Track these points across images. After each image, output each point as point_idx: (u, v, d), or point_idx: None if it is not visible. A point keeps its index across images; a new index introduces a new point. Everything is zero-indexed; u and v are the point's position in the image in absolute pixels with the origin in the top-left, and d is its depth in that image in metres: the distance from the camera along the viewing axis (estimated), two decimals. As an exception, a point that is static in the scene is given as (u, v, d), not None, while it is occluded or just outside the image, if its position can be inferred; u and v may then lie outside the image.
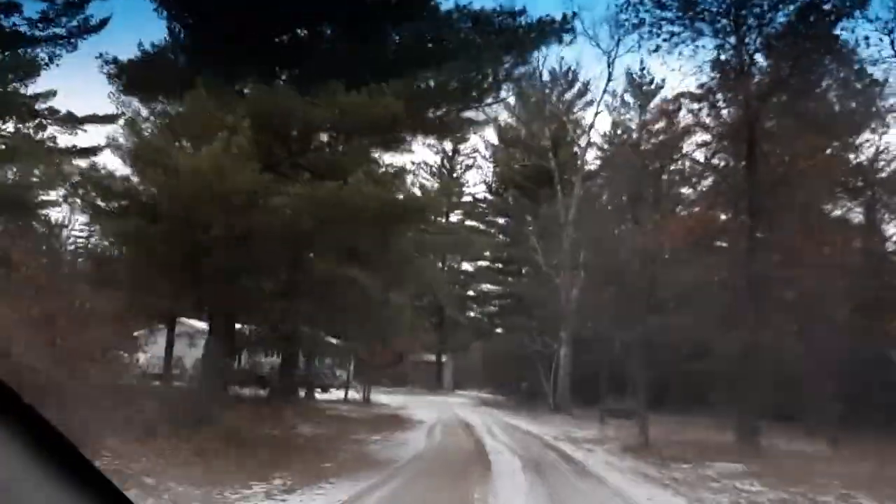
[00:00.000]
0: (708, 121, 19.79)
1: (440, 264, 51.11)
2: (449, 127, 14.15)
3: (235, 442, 12.46)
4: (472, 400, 41.78)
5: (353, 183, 10.39)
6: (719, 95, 19.11)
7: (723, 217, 22.43)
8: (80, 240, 37.87)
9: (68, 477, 1.43)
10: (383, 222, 11.25)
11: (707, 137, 20.69)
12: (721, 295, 22.69)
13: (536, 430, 23.08)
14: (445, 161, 53.38)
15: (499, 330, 45.80)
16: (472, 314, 50.85)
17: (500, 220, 48.99)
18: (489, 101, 13.18)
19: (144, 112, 14.99)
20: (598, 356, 27.78)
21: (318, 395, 31.57)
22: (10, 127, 25.72)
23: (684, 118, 20.52)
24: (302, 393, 29.28)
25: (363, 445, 15.62)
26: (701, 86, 18.50)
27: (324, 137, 13.12)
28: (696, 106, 19.24)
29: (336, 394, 33.44)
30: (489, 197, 50.91)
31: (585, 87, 39.52)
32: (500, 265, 48.41)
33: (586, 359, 29.94)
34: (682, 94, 19.61)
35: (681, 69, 19.49)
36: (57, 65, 23.49)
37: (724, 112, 20.54)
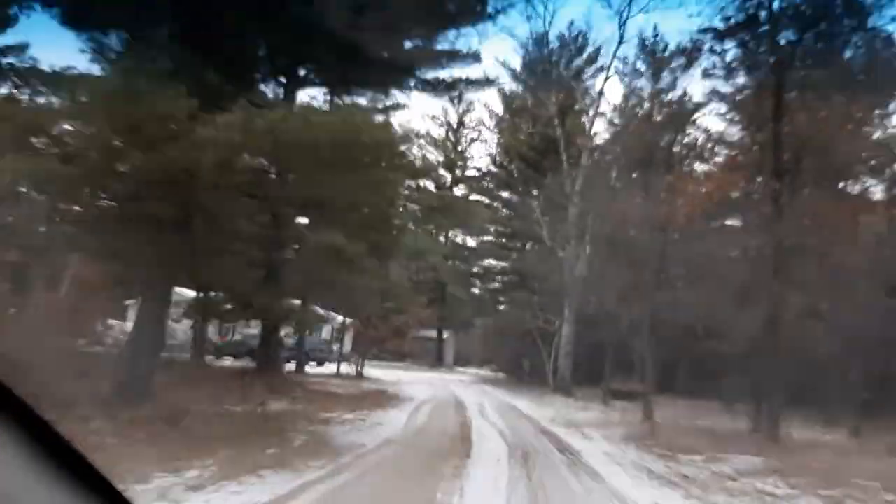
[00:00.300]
0: (733, 65, 17.70)
1: (442, 238, 49.66)
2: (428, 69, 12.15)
3: (173, 421, 10.81)
4: (472, 377, 40.36)
5: (300, 112, 8.52)
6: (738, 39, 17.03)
7: (742, 183, 20.58)
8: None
9: (67, 476, 1.41)
10: (344, 164, 9.33)
11: (729, 89, 18.65)
12: (737, 269, 20.97)
13: (533, 411, 21.38)
14: (450, 134, 51.65)
15: (501, 307, 44.29)
16: (475, 290, 49.50)
17: (505, 194, 47.23)
18: (472, 23, 11.24)
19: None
20: (603, 334, 26.12)
21: (311, 369, 30.29)
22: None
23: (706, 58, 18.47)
24: (292, 366, 27.89)
25: (331, 426, 13.86)
26: (727, 19, 16.43)
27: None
28: (719, 47, 17.17)
29: (331, 368, 32.27)
30: (494, 170, 49.06)
31: (596, 53, 37.24)
32: (504, 240, 46.81)
33: (591, 337, 28.36)
34: (706, 30, 17.56)
35: (699, 14, 17.45)
36: (28, 16, 21.92)
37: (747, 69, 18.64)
